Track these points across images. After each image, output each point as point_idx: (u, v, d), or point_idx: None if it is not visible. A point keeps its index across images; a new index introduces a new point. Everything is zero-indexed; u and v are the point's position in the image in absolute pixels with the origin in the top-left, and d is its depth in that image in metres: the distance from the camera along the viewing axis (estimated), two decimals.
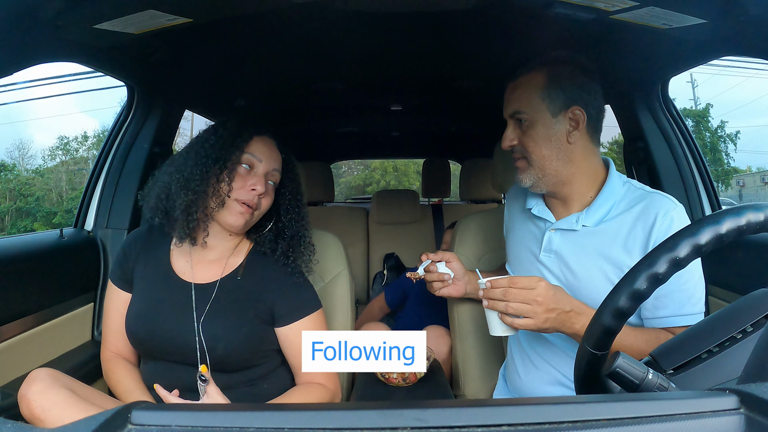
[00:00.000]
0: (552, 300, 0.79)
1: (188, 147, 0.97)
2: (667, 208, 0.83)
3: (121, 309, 0.98)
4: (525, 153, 0.91)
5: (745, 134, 22.15)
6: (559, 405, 0.31)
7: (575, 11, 0.96)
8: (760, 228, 0.42)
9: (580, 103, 0.88)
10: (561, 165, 0.89)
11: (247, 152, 0.94)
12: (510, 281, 0.80)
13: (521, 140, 0.91)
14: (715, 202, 1.38)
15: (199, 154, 0.93)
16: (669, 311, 0.83)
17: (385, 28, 1.23)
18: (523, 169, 0.92)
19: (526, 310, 0.79)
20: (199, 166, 0.92)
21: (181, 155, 0.96)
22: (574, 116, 0.88)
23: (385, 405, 0.32)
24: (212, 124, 1.00)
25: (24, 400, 0.75)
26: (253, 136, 0.96)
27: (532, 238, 0.98)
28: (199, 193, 0.91)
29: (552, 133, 0.88)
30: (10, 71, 0.84)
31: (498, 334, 0.84)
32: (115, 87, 1.38)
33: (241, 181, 0.93)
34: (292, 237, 1.00)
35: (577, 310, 0.81)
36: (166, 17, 0.96)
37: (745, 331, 0.46)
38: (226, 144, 0.93)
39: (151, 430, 0.30)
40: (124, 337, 0.97)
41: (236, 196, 0.93)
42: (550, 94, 0.88)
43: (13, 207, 15.58)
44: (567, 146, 0.89)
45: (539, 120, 0.88)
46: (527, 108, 0.89)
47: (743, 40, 0.94)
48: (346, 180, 20.00)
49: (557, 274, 0.92)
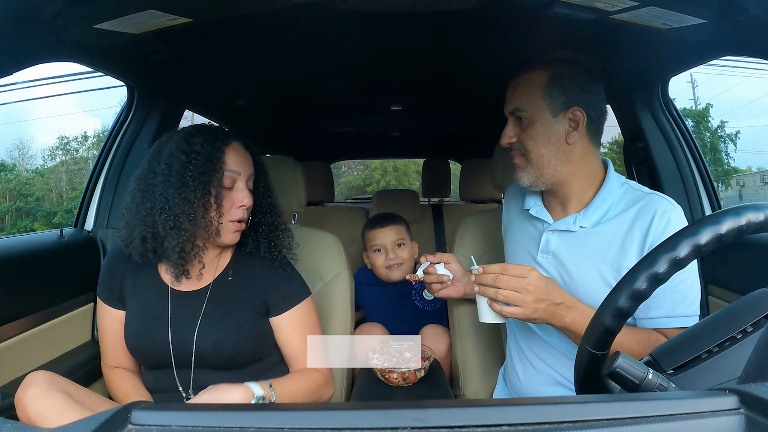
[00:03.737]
0: (542, 290, 0.79)
1: (163, 177, 0.87)
2: (664, 208, 0.83)
3: (115, 327, 0.97)
4: (524, 151, 0.91)
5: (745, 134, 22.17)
6: (559, 405, 0.31)
7: (575, 11, 0.96)
8: (760, 228, 0.42)
9: (581, 103, 0.87)
10: (559, 164, 0.89)
11: (227, 170, 0.90)
12: (502, 268, 0.79)
13: (520, 138, 0.91)
14: (716, 202, 1.38)
15: (179, 185, 0.86)
16: (661, 312, 0.82)
17: (385, 28, 1.23)
18: (521, 166, 0.92)
19: (516, 298, 0.78)
20: (186, 202, 0.86)
21: (157, 187, 0.87)
22: (574, 117, 0.88)
23: (385, 405, 0.32)
24: (177, 143, 0.89)
25: (20, 405, 0.75)
26: (224, 149, 0.91)
27: (530, 239, 0.98)
28: (191, 230, 0.87)
29: (551, 132, 0.88)
30: (10, 71, 0.84)
31: (487, 320, 0.85)
32: (115, 87, 1.39)
33: (229, 202, 0.91)
34: (271, 231, 1.00)
35: (567, 304, 0.80)
36: (166, 17, 0.96)
37: (745, 331, 0.46)
38: (205, 168, 0.87)
39: (151, 430, 0.30)
40: (122, 351, 0.97)
41: (229, 218, 0.91)
42: (552, 93, 0.87)
43: (13, 207, 15.58)
44: (566, 146, 0.88)
45: (539, 119, 0.88)
46: (527, 106, 0.89)
47: (743, 40, 0.94)
48: (346, 180, 20.01)
49: (554, 275, 0.92)
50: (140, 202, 0.88)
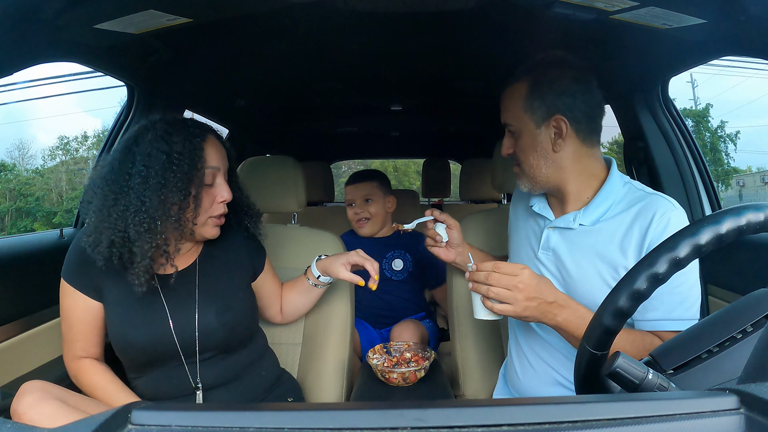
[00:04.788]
0: (534, 289, 0.79)
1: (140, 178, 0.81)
2: (665, 209, 0.82)
3: (88, 316, 0.92)
4: (518, 161, 0.93)
5: (745, 134, 22.18)
6: (559, 405, 0.31)
7: (575, 11, 0.96)
8: (760, 228, 0.42)
9: (562, 111, 0.86)
10: (551, 172, 0.90)
11: (207, 167, 0.88)
12: (494, 266, 0.80)
13: (514, 149, 0.93)
14: (716, 202, 1.38)
15: (159, 187, 0.82)
16: (658, 314, 0.81)
17: (385, 28, 1.23)
18: (519, 175, 0.95)
19: (507, 296, 0.79)
20: (164, 203, 0.82)
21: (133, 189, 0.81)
22: (557, 125, 0.87)
23: (385, 405, 0.32)
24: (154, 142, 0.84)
25: (16, 415, 0.74)
26: (203, 145, 0.88)
27: (533, 235, 0.99)
28: (165, 233, 0.84)
29: (537, 143, 0.89)
30: (10, 71, 0.84)
31: (481, 317, 0.86)
32: (115, 87, 1.38)
33: (209, 200, 0.90)
34: (247, 209, 1.04)
35: (560, 302, 0.80)
36: (166, 17, 0.96)
37: (745, 331, 0.46)
38: (188, 169, 0.84)
39: (151, 430, 0.30)
40: (94, 342, 0.94)
41: (210, 214, 0.90)
42: (532, 105, 0.88)
43: (13, 207, 15.58)
44: (554, 155, 0.89)
45: (525, 131, 0.90)
46: (513, 120, 0.91)
47: (743, 40, 0.94)
48: (346, 180, 19.99)
49: (554, 271, 0.92)
50: (112, 204, 0.82)
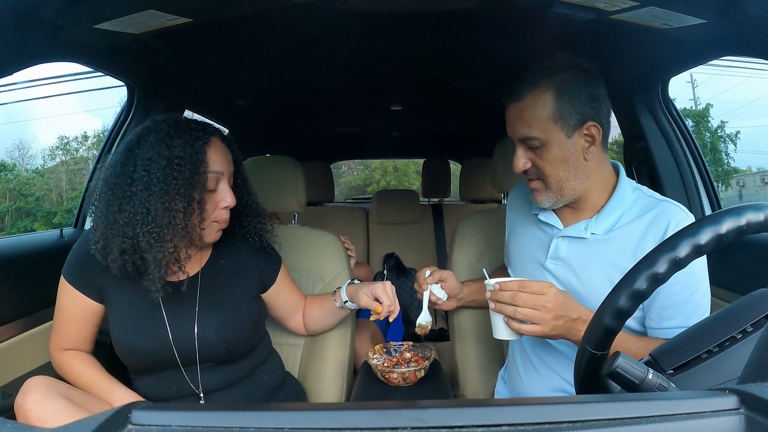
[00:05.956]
0: (561, 307, 0.77)
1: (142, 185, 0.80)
2: (679, 218, 0.81)
3: (84, 314, 0.91)
4: (540, 176, 0.86)
5: (745, 134, 22.14)
6: (559, 405, 0.31)
7: (575, 11, 0.96)
8: (760, 228, 0.42)
9: (594, 117, 0.82)
10: (578, 182, 0.85)
11: (210, 171, 0.86)
12: (521, 285, 0.77)
13: (535, 163, 0.86)
14: (716, 202, 1.38)
15: (162, 193, 0.81)
16: (675, 322, 0.80)
17: (385, 28, 1.23)
18: (539, 190, 0.88)
19: (534, 316, 0.76)
20: (170, 211, 0.81)
21: (137, 196, 0.81)
22: (589, 132, 0.83)
23: (385, 405, 0.31)
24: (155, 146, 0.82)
25: (21, 411, 0.74)
26: (206, 149, 0.86)
27: (538, 244, 0.96)
28: (176, 241, 0.84)
29: (569, 154, 0.83)
30: (10, 71, 0.84)
31: (502, 337, 0.83)
32: (115, 87, 1.38)
33: (213, 204, 0.89)
34: (253, 217, 1.02)
35: (584, 318, 0.79)
36: (166, 17, 0.96)
37: (745, 331, 0.46)
38: (189, 174, 0.83)
39: (151, 430, 0.30)
40: (85, 339, 0.93)
41: (213, 219, 0.90)
42: (562, 114, 0.81)
43: (13, 207, 15.58)
44: (584, 163, 0.84)
45: (554, 142, 0.83)
46: (538, 132, 0.83)
47: (743, 40, 0.94)
48: (346, 180, 20.00)
49: (563, 281, 0.90)
50: (117, 210, 0.81)
